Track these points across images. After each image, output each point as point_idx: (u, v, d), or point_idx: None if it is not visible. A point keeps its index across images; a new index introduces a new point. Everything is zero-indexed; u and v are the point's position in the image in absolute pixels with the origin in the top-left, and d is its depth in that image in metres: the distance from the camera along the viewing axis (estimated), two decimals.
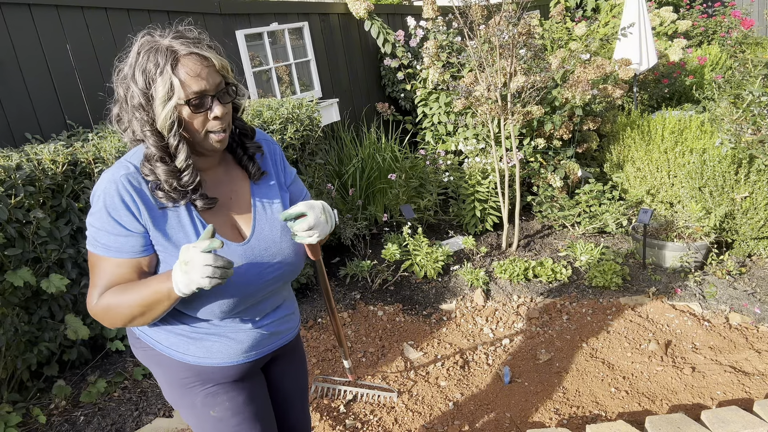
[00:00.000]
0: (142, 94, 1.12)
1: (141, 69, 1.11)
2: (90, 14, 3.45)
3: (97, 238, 1.17)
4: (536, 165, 4.51)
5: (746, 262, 3.68)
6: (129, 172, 1.16)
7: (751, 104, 3.68)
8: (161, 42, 1.11)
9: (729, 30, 8.22)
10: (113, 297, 1.16)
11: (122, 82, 1.15)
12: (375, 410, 2.53)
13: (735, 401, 2.39)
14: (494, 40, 3.65)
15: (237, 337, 1.30)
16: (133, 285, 1.16)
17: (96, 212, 1.16)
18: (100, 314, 1.18)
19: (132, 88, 1.12)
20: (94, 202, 1.17)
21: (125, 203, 1.14)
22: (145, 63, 1.10)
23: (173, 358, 1.29)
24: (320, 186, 3.60)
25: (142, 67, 1.10)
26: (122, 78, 1.15)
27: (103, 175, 1.18)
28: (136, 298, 1.14)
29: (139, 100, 1.12)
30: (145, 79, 1.10)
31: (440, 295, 3.58)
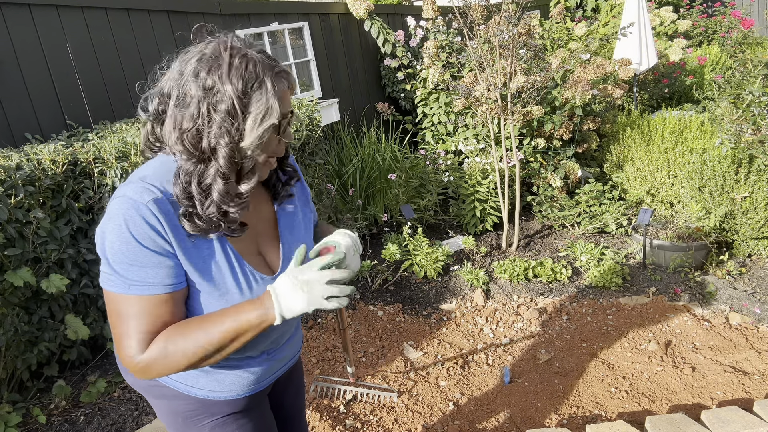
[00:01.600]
0: (238, 100, 0.95)
1: (239, 75, 0.95)
2: (90, 14, 3.45)
3: (127, 276, 0.98)
4: (536, 165, 4.51)
5: (746, 262, 3.68)
6: (157, 198, 0.98)
7: (751, 104, 3.68)
8: (251, 53, 0.98)
9: (729, 30, 8.23)
10: (173, 340, 0.99)
11: (192, 81, 0.97)
12: (375, 410, 2.53)
13: (735, 401, 2.38)
14: (494, 40, 3.65)
15: (251, 369, 1.22)
16: (199, 321, 1.01)
17: (119, 245, 0.97)
18: (155, 365, 0.99)
19: (220, 91, 0.95)
20: (114, 234, 0.97)
21: (156, 230, 0.97)
22: (243, 70, 0.96)
23: (179, 390, 1.18)
24: (320, 186, 3.60)
25: (240, 73, 0.95)
26: (191, 74, 0.97)
27: (119, 203, 0.98)
28: (212, 333, 0.98)
29: (227, 106, 0.95)
30: (244, 87, 0.95)
31: (440, 295, 3.58)
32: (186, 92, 0.97)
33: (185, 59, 1.01)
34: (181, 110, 0.98)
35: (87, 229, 2.67)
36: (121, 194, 0.99)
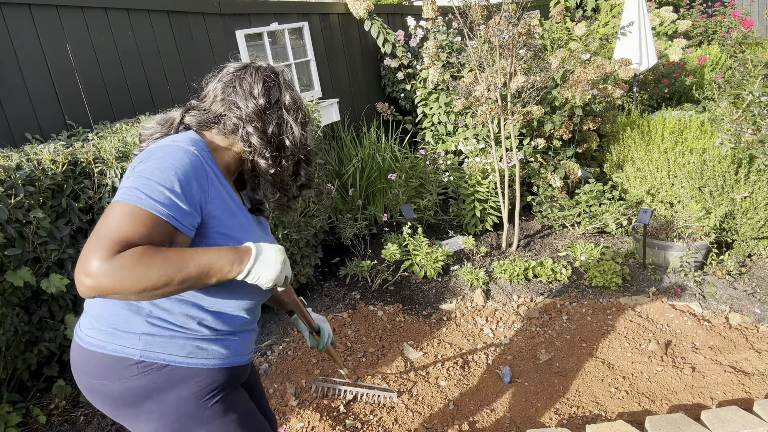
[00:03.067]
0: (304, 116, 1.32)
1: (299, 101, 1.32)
2: (90, 14, 3.45)
3: (153, 190, 1.06)
4: (536, 165, 4.51)
5: (746, 262, 3.68)
6: (202, 149, 1.19)
7: (751, 104, 3.68)
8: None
9: (729, 30, 8.23)
10: (147, 252, 1.01)
11: (282, 87, 1.29)
12: (375, 410, 2.53)
13: (735, 401, 2.38)
14: (494, 40, 3.65)
15: (246, 337, 1.33)
16: (177, 249, 1.08)
17: (174, 162, 1.10)
18: (121, 269, 0.98)
19: (294, 102, 1.30)
20: (174, 154, 1.12)
21: (205, 170, 1.16)
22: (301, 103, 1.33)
23: (191, 366, 1.20)
24: (320, 186, 3.60)
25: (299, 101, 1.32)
26: (286, 85, 1.30)
27: (173, 145, 1.15)
28: (187, 260, 1.04)
29: (303, 117, 1.31)
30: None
31: (440, 295, 3.58)
32: (265, 90, 1.29)
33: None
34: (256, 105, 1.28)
35: (87, 229, 2.67)
36: (174, 140, 1.17)
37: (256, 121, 1.24)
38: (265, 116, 1.24)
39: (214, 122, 1.26)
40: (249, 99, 1.24)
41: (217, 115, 1.25)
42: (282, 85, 1.28)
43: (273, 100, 1.26)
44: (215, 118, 1.26)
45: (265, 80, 1.25)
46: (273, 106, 1.26)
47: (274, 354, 3.02)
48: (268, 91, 1.25)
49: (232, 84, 1.26)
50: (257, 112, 1.23)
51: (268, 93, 1.25)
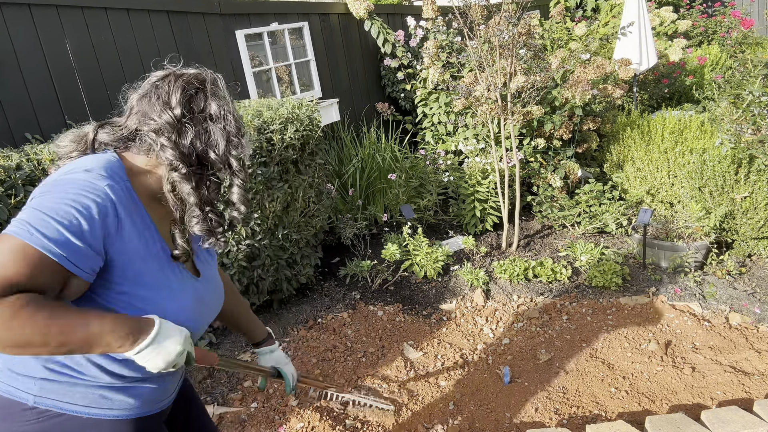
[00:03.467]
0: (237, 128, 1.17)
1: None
2: (90, 14, 3.45)
3: (47, 226, 0.93)
4: (536, 165, 4.51)
5: (746, 262, 3.68)
6: (112, 184, 1.03)
7: (751, 104, 3.68)
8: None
9: (729, 30, 8.23)
10: (29, 306, 0.89)
11: (213, 99, 1.14)
12: (375, 411, 2.54)
13: (735, 401, 2.38)
14: (494, 40, 3.65)
15: (163, 383, 1.21)
16: (66, 308, 0.95)
17: (77, 196, 0.97)
18: (3, 314, 0.88)
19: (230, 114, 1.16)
20: (80, 185, 0.99)
21: (111, 207, 1.01)
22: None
23: (93, 417, 1.10)
24: (320, 186, 3.60)
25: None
26: (218, 98, 1.14)
27: (81, 176, 1.01)
28: (73, 325, 0.92)
29: (234, 129, 1.16)
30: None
31: (440, 295, 3.58)
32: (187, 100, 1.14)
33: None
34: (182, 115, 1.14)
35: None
36: (86, 168, 1.03)
37: (170, 131, 1.08)
38: (182, 126, 1.09)
39: (130, 139, 1.11)
40: (164, 110, 1.08)
41: (132, 131, 1.11)
42: (208, 92, 1.13)
43: (196, 110, 1.11)
44: (131, 134, 1.11)
45: (185, 87, 1.10)
46: (194, 116, 1.11)
47: None
48: (189, 100, 1.10)
49: (148, 94, 1.10)
50: (171, 122, 1.08)
51: (188, 101, 1.10)
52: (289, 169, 3.25)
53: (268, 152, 3.07)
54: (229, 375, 2.85)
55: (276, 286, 3.35)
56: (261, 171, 2.99)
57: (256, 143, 2.94)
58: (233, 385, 2.76)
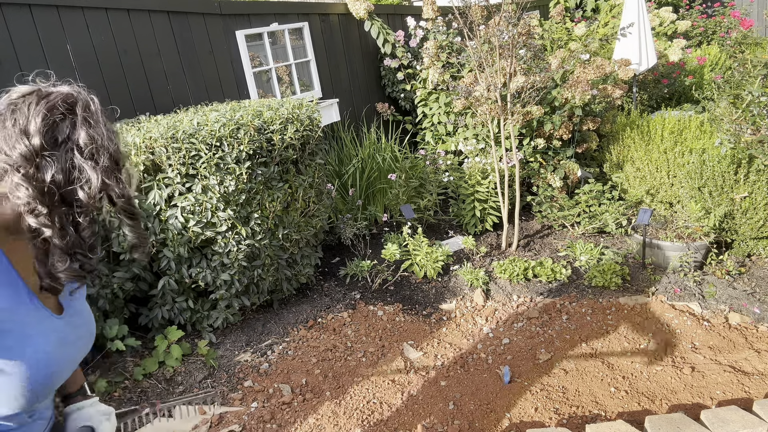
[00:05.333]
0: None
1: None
2: (90, 14, 3.46)
3: None
4: (536, 165, 4.52)
5: (746, 262, 3.69)
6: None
7: (750, 104, 3.69)
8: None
9: (728, 30, 8.23)
10: None
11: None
12: (375, 411, 2.54)
13: (734, 401, 2.39)
14: (494, 41, 3.66)
15: (30, 428, 1.09)
16: None
17: None
18: None
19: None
20: None
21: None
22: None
23: None
24: (320, 186, 3.60)
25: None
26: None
27: None
28: None
29: (109, 161, 0.99)
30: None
31: (440, 295, 3.59)
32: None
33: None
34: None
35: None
36: None
37: (27, 166, 0.90)
38: (41, 160, 0.90)
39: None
40: (20, 139, 0.90)
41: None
42: (78, 118, 0.96)
43: (60, 139, 0.92)
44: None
45: (47, 113, 0.93)
46: (58, 147, 0.92)
47: (275, 353, 3.02)
48: (52, 127, 0.92)
49: (3, 116, 0.93)
50: (28, 155, 0.90)
51: (51, 129, 0.92)
52: (289, 169, 3.25)
53: (268, 152, 3.07)
54: (229, 375, 2.85)
55: (276, 286, 3.36)
56: (261, 171, 2.99)
57: (257, 143, 2.94)
58: (233, 385, 2.77)
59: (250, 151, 2.90)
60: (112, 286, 2.76)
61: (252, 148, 2.91)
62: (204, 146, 2.78)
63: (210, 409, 2.58)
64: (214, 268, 2.95)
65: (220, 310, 3.09)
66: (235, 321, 3.20)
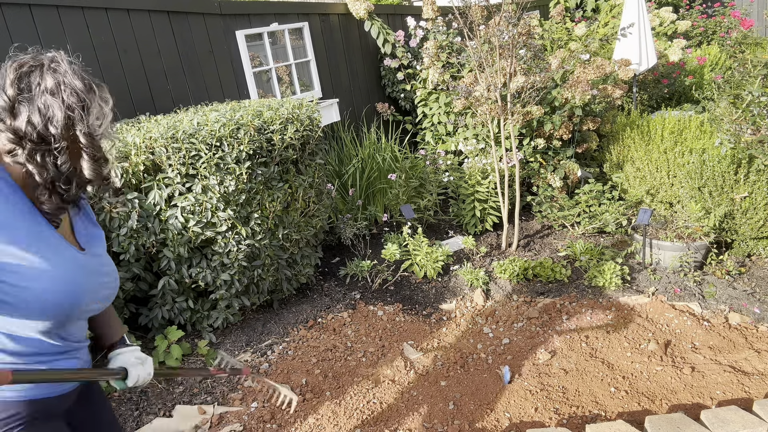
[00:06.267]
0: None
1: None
2: (90, 14, 3.46)
3: None
4: (536, 165, 4.52)
5: (746, 262, 3.69)
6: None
7: (750, 104, 3.68)
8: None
9: (728, 30, 8.23)
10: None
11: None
12: (374, 413, 2.54)
13: (734, 401, 2.39)
14: (494, 41, 3.66)
15: (57, 365, 1.24)
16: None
17: None
18: None
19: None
20: None
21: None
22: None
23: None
24: (320, 186, 3.60)
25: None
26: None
27: None
28: None
29: (75, 100, 1.11)
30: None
31: (440, 295, 3.59)
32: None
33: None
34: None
35: None
36: None
37: (6, 115, 1.07)
38: (17, 107, 1.07)
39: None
40: (0, 95, 1.07)
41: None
42: (45, 69, 1.09)
43: (29, 87, 1.08)
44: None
45: (18, 68, 1.09)
46: (30, 94, 1.08)
47: (275, 353, 3.02)
48: (22, 79, 1.08)
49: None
50: (7, 106, 1.06)
51: (20, 81, 1.08)
52: (289, 169, 3.25)
53: (269, 152, 3.07)
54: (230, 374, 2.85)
55: (276, 286, 3.36)
56: (261, 171, 2.99)
57: (257, 143, 2.94)
58: (233, 385, 2.77)
59: (250, 151, 2.90)
60: None
61: (252, 148, 2.91)
62: (204, 146, 2.78)
63: (210, 409, 2.59)
64: (214, 268, 2.95)
65: (220, 310, 3.09)
66: (235, 321, 3.20)
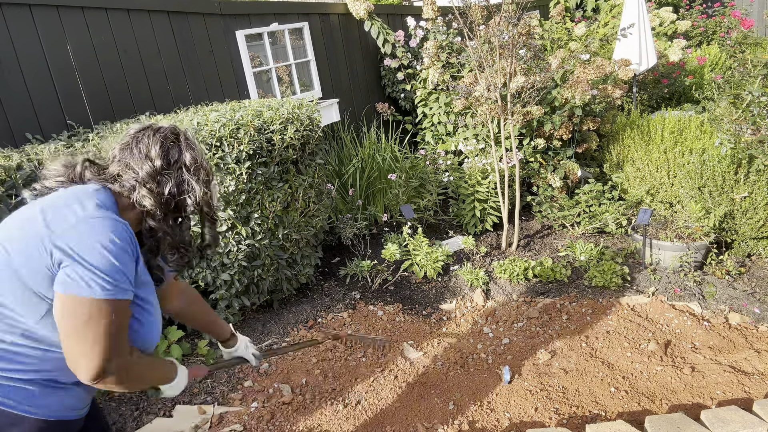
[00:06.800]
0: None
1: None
2: (90, 14, 3.46)
3: (118, 281, 1.13)
4: (536, 165, 4.52)
5: (746, 262, 3.69)
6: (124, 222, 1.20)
7: (750, 104, 3.68)
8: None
9: (728, 30, 8.23)
10: (145, 358, 1.28)
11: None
12: (375, 411, 2.54)
13: (734, 401, 2.39)
14: (494, 41, 3.66)
15: (87, 390, 1.31)
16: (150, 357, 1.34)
17: (114, 251, 1.13)
18: (135, 367, 1.22)
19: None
20: (111, 228, 1.14)
21: (134, 241, 1.20)
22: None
23: (41, 417, 1.22)
24: (320, 186, 3.60)
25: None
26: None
27: (102, 221, 1.15)
28: (161, 368, 1.36)
29: (206, 175, 1.33)
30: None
31: (440, 295, 3.59)
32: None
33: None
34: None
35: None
36: (100, 215, 1.16)
37: (151, 182, 1.22)
38: (161, 177, 1.23)
39: (111, 181, 1.26)
40: (145, 161, 1.23)
41: (113, 175, 1.26)
42: (182, 144, 1.28)
43: (172, 161, 1.25)
44: (112, 179, 1.25)
45: (162, 141, 1.25)
46: (171, 167, 1.25)
47: None
48: (166, 152, 1.25)
49: (129, 146, 1.25)
50: (152, 173, 1.22)
51: (166, 154, 1.24)
52: (289, 169, 3.25)
53: (269, 152, 3.07)
54: (230, 375, 2.85)
55: (276, 286, 3.36)
56: (261, 171, 2.99)
57: (257, 143, 2.94)
58: (233, 385, 2.77)
59: (250, 151, 2.90)
60: None
61: (252, 148, 2.91)
62: (204, 146, 2.78)
63: (210, 409, 2.59)
64: (214, 268, 2.95)
65: (220, 310, 3.09)
66: (235, 321, 3.20)
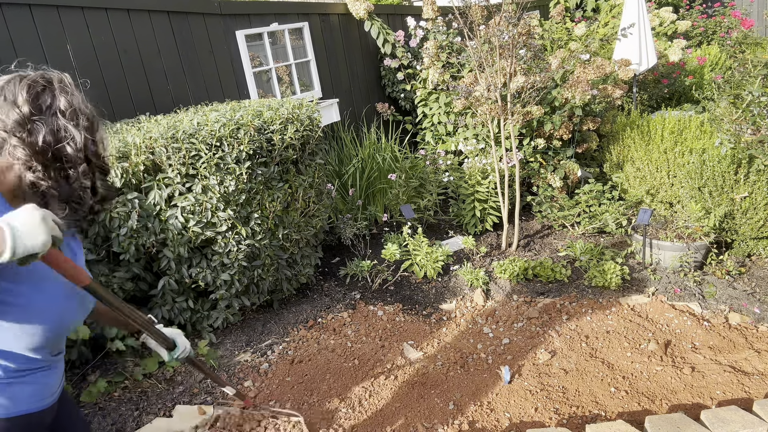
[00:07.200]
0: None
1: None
2: (90, 14, 3.46)
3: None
4: (536, 165, 4.52)
5: (746, 262, 3.69)
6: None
7: (750, 104, 3.68)
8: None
9: (729, 30, 8.23)
10: None
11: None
12: (375, 411, 2.54)
13: (734, 401, 2.39)
14: (494, 41, 3.66)
15: (48, 377, 1.24)
16: None
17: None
18: None
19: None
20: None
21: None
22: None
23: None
24: (320, 186, 3.60)
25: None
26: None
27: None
28: None
29: (87, 122, 1.18)
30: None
31: (440, 295, 3.58)
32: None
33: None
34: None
35: (87, 229, 2.67)
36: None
37: (21, 131, 1.09)
38: (33, 125, 1.10)
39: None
40: (12, 109, 1.10)
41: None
42: (56, 89, 1.15)
43: (44, 106, 1.12)
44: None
45: (30, 85, 1.13)
46: (44, 113, 1.12)
47: (275, 353, 3.02)
48: (35, 97, 1.12)
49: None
50: (20, 121, 1.10)
51: (35, 98, 1.12)
52: (289, 169, 3.25)
53: (269, 152, 3.07)
54: (229, 374, 2.85)
55: (276, 286, 3.36)
56: (261, 171, 2.99)
57: (257, 143, 2.94)
58: (233, 385, 2.76)
59: (250, 151, 2.90)
60: (113, 286, 2.76)
61: (252, 148, 2.91)
62: (204, 146, 2.78)
63: (210, 409, 2.58)
64: (214, 268, 2.95)
65: (220, 310, 3.09)
66: (235, 321, 3.20)
